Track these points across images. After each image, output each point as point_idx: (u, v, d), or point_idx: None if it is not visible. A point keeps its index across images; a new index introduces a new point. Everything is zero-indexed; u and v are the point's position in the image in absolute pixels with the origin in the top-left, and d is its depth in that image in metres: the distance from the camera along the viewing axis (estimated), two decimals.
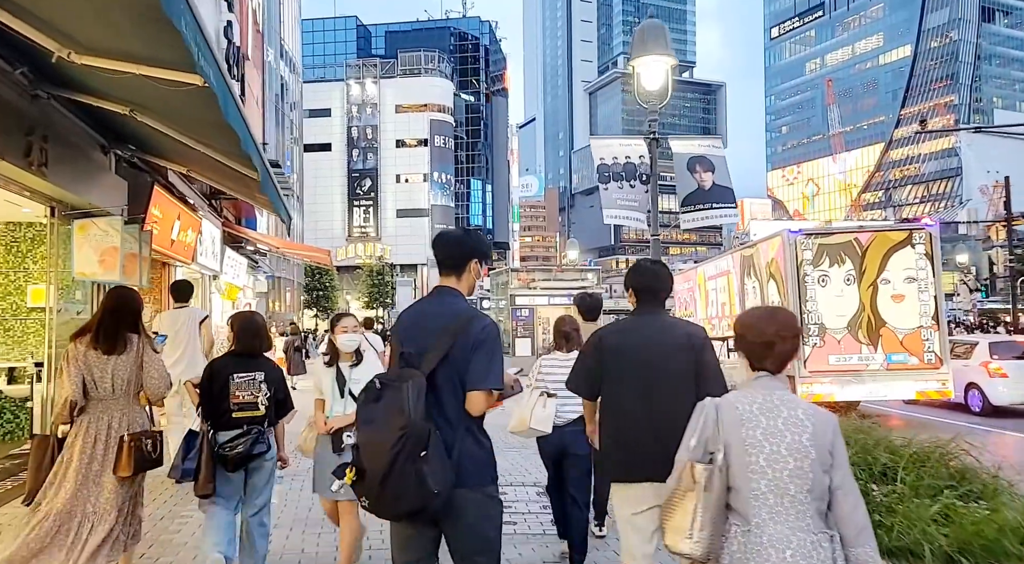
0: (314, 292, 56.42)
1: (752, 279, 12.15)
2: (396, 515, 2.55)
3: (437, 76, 75.81)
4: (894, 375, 10.16)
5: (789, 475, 2.08)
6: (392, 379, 2.55)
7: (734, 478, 2.14)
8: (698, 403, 2.29)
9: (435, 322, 2.64)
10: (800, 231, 10.58)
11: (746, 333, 2.29)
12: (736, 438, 2.14)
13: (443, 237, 2.86)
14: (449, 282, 2.78)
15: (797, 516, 2.08)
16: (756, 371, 2.27)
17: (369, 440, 2.49)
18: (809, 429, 2.11)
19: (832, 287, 10.37)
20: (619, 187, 7.76)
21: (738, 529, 2.14)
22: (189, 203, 10.64)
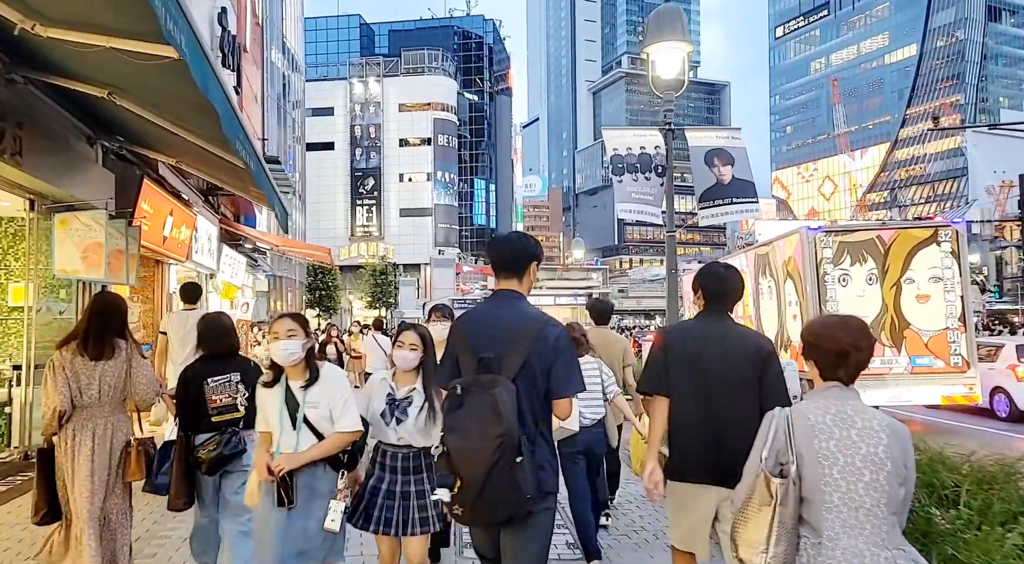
0: (317, 292, 56.06)
1: (768, 279, 11.70)
2: (491, 522, 2.59)
3: (440, 74, 75.42)
4: (919, 379, 9.71)
5: (864, 487, 2.03)
6: (475, 384, 2.53)
7: (806, 490, 2.09)
8: (767, 413, 2.24)
9: (510, 327, 2.65)
10: (820, 228, 10.13)
11: (820, 343, 2.22)
12: (808, 449, 2.09)
13: (502, 240, 2.89)
14: (511, 285, 2.80)
15: (872, 530, 2.03)
16: (827, 381, 2.21)
17: (464, 447, 2.46)
18: (884, 440, 2.06)
19: (853, 287, 9.93)
20: (633, 179, 7.31)
21: (808, 542, 2.09)
22: (183, 199, 10.24)
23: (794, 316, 10.58)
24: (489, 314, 2.78)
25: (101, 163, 7.47)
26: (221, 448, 3.67)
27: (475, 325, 2.76)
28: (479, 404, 2.46)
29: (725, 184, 7.57)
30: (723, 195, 7.63)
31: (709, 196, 7.65)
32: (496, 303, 2.80)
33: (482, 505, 2.45)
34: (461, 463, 2.45)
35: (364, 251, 71.44)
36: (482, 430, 2.43)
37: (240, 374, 3.85)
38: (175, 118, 5.23)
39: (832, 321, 2.31)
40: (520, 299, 2.78)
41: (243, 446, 3.76)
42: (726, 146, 7.62)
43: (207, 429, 3.74)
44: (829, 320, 2.33)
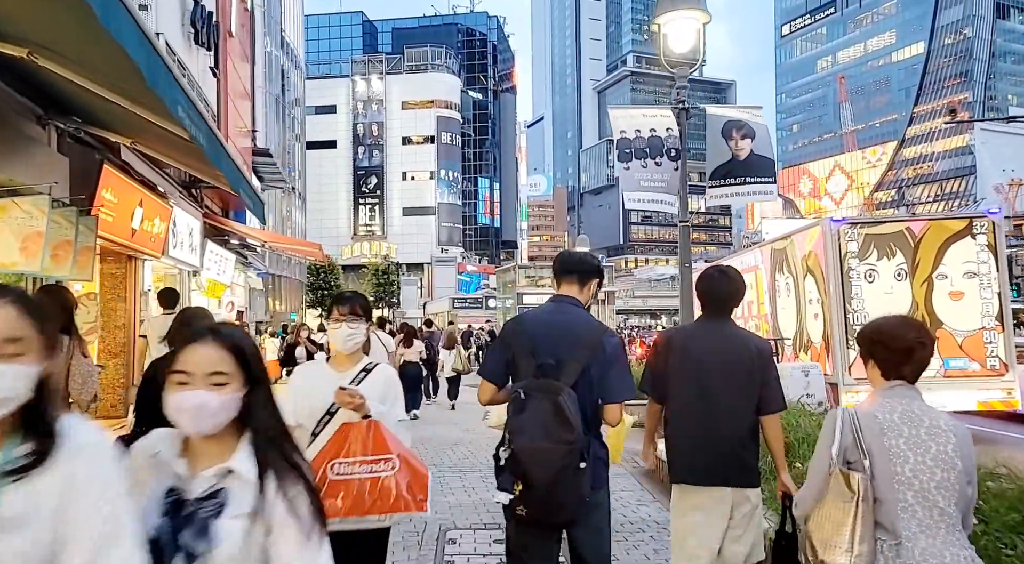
0: (319, 291, 55.49)
1: (785, 275, 10.93)
2: (556, 524, 2.68)
3: (444, 72, 74.79)
4: (952, 383, 8.93)
5: (936, 487, 2.02)
6: (536, 389, 2.60)
7: (879, 489, 2.06)
8: (830, 412, 2.25)
9: (571, 334, 2.76)
10: (844, 220, 9.36)
11: (885, 340, 2.20)
12: (878, 447, 2.07)
13: (574, 254, 3.14)
14: (571, 291, 2.92)
15: (947, 530, 2.01)
16: (890, 380, 2.19)
17: (534, 449, 2.51)
18: (953, 440, 2.05)
19: (881, 283, 9.15)
20: (643, 165, 6.56)
21: (886, 543, 2.04)
22: (156, 189, 9.51)
23: (815, 315, 9.81)
24: (549, 321, 2.85)
25: (55, 147, 6.75)
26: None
27: (535, 328, 2.83)
28: (541, 409, 2.54)
29: (741, 160, 6.80)
30: (738, 173, 6.87)
31: (722, 173, 6.88)
32: (554, 310, 2.90)
33: (548, 506, 2.54)
34: (531, 465, 2.51)
35: (367, 250, 70.93)
36: (550, 434, 2.51)
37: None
38: (101, 77, 4.50)
39: (895, 320, 2.30)
40: (579, 306, 2.90)
41: None
42: (747, 119, 6.86)
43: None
44: (892, 319, 2.31)
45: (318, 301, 54.96)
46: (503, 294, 22.22)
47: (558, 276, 3.02)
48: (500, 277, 22.87)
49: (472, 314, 26.62)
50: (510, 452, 2.56)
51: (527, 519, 2.62)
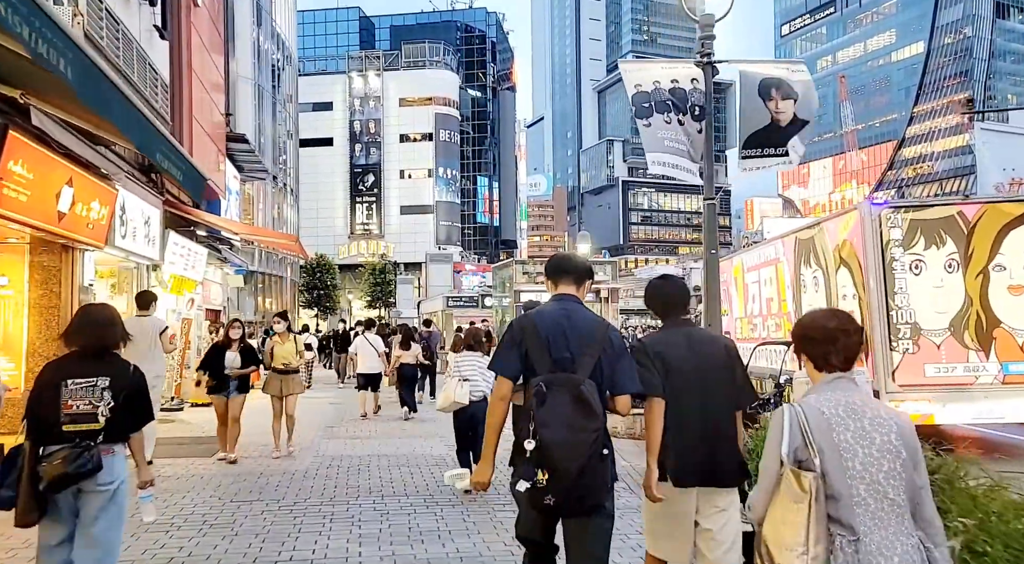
0: (315, 291, 54.29)
1: (813, 267, 9.69)
2: (582, 510, 2.77)
3: (442, 69, 73.51)
4: (1013, 390, 7.70)
5: (885, 477, 2.03)
6: (555, 382, 2.74)
7: (833, 486, 2.04)
8: (776, 410, 2.23)
9: (583, 330, 2.92)
10: (885, 203, 8.12)
11: (808, 332, 2.26)
12: (828, 443, 2.07)
13: (568, 256, 3.34)
14: (570, 290, 3.10)
15: (898, 520, 2.02)
16: (823, 372, 2.22)
17: (562, 441, 2.62)
18: (895, 428, 2.08)
19: (929, 275, 7.93)
20: (665, 121, 5.33)
21: (844, 539, 2.02)
22: (94, 168, 8.26)
23: (850, 312, 8.56)
24: (559, 316, 2.97)
25: None
26: (67, 466, 3.19)
27: (547, 326, 2.93)
28: (563, 401, 2.67)
29: (783, 125, 5.59)
30: (780, 140, 5.66)
31: (760, 140, 5.67)
32: (562, 307, 3.02)
33: (576, 494, 2.66)
34: (561, 454, 2.62)
35: (364, 249, 69.68)
36: (575, 424, 2.65)
37: (110, 379, 3.37)
38: None
39: (817, 312, 2.34)
40: (581, 304, 3.09)
41: (95, 464, 3.25)
42: (787, 77, 5.64)
43: (57, 439, 3.27)
44: (815, 311, 2.35)
45: (314, 301, 53.71)
46: (500, 292, 20.93)
47: (554, 277, 3.13)
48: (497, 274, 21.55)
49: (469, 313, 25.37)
50: (535, 443, 2.63)
51: (552, 508, 2.69)
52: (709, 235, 5.65)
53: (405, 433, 9.91)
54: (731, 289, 13.49)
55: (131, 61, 7.41)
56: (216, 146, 14.14)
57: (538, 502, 2.68)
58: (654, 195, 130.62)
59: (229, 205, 16.37)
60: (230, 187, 16.52)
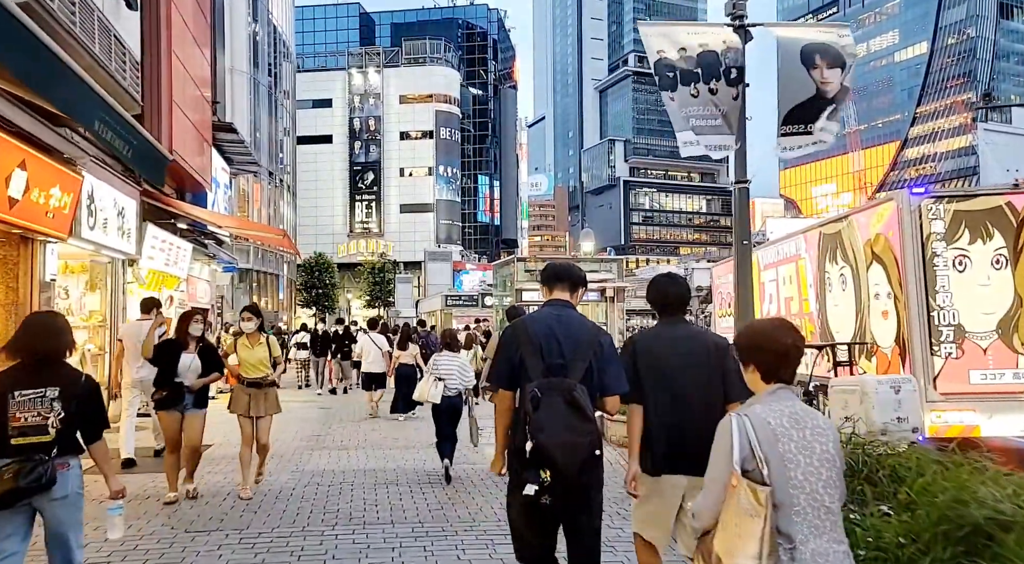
0: (313, 290, 53.59)
1: (839, 264, 8.93)
2: (580, 507, 2.90)
3: (443, 65, 72.76)
4: None
5: (823, 486, 2.07)
6: (549, 387, 2.81)
7: (776, 496, 2.05)
8: (721, 421, 2.24)
9: (573, 335, 3.00)
10: (927, 192, 7.35)
11: (764, 345, 2.25)
12: (775, 454, 2.08)
13: (567, 265, 3.37)
14: (565, 296, 3.20)
15: (831, 527, 2.06)
16: (770, 383, 2.24)
17: (561, 443, 2.70)
18: (831, 437, 2.13)
19: (974, 272, 7.17)
20: (692, 94, 4.57)
21: (782, 548, 2.04)
22: (55, 151, 7.51)
23: (884, 313, 7.82)
24: (552, 322, 3.05)
25: None
26: (18, 480, 3.09)
27: (540, 332, 3.01)
28: (557, 405, 2.74)
29: (829, 97, 4.84)
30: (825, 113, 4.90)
31: (804, 115, 4.91)
32: (556, 312, 3.11)
33: (574, 493, 2.77)
34: (559, 457, 2.68)
35: (363, 248, 68.96)
36: (571, 427, 2.72)
37: (60, 388, 3.25)
38: None
39: (771, 323, 2.35)
40: (573, 309, 3.17)
41: (49, 478, 3.15)
42: (832, 42, 4.89)
43: (8, 453, 3.15)
44: (767, 322, 2.39)
45: (312, 300, 52.96)
46: (501, 291, 20.16)
47: (549, 282, 3.24)
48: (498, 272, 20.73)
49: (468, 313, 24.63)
50: (533, 446, 2.70)
51: (548, 509, 2.79)
52: (740, 223, 4.92)
53: (397, 443, 9.10)
54: None
55: (91, 30, 6.70)
56: (201, 134, 13.38)
57: (536, 501, 2.74)
58: (655, 195, 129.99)
59: (216, 198, 15.62)
60: (217, 179, 15.77)
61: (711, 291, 16.76)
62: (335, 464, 7.68)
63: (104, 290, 10.76)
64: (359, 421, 11.11)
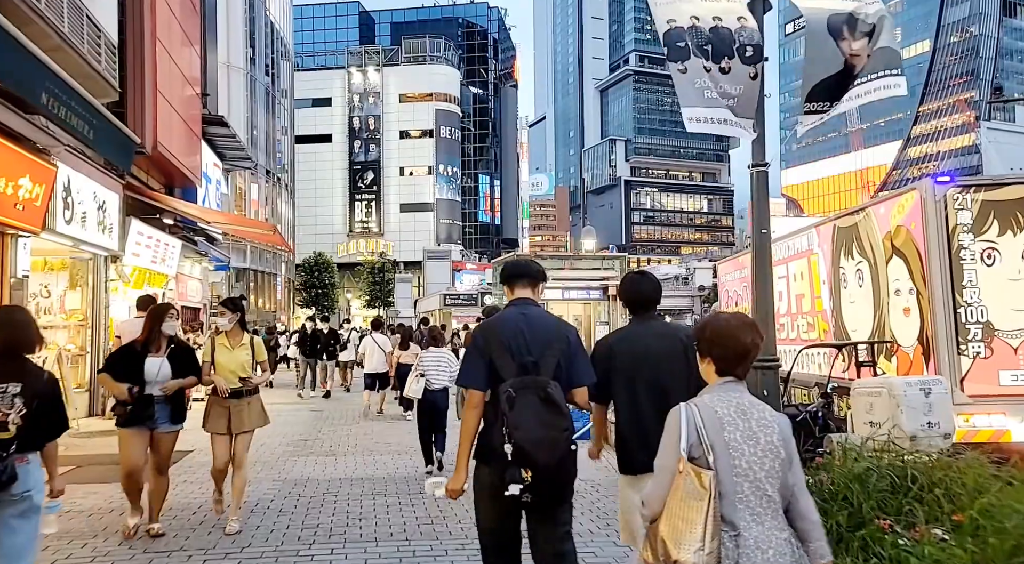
0: (312, 290, 53.22)
1: (856, 259, 8.48)
2: (556, 500, 2.94)
3: (443, 64, 72.34)
4: None
5: (766, 475, 2.11)
6: (522, 385, 2.85)
7: (721, 483, 2.11)
8: (672, 408, 2.28)
9: (542, 333, 3.04)
10: (952, 180, 6.90)
11: (725, 342, 2.29)
12: (720, 442, 2.14)
13: (523, 260, 3.41)
14: (527, 294, 3.24)
15: (772, 515, 2.11)
16: (723, 376, 2.30)
17: (539, 440, 2.74)
18: (776, 429, 2.17)
19: (1004, 266, 6.72)
20: (704, 67, 4.11)
21: (726, 535, 2.08)
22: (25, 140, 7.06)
23: (905, 310, 7.36)
24: (519, 321, 3.07)
25: None
26: None
27: (508, 331, 3.04)
28: (532, 402, 2.78)
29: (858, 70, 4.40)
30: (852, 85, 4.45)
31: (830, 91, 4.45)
32: (523, 310, 3.14)
33: (552, 489, 2.80)
34: (539, 454, 2.72)
35: (363, 248, 68.56)
36: (547, 424, 2.76)
37: (22, 385, 3.17)
38: None
39: (734, 320, 2.36)
40: (538, 306, 3.23)
41: (9, 475, 3.09)
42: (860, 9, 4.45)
43: None
44: (730, 319, 2.38)
45: (312, 300, 52.56)
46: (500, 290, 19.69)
47: (510, 281, 3.26)
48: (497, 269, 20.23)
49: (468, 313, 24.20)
50: (512, 446, 2.72)
51: (533, 504, 2.80)
52: (760, 211, 4.48)
53: (390, 447, 8.65)
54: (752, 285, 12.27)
55: (59, 7, 6.26)
56: (189, 128, 12.94)
57: (516, 499, 2.76)
58: (656, 195, 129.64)
59: (208, 194, 15.16)
60: (209, 175, 15.33)
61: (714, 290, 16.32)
62: (320, 471, 7.22)
63: (85, 288, 10.33)
64: (352, 423, 10.68)
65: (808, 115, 4.64)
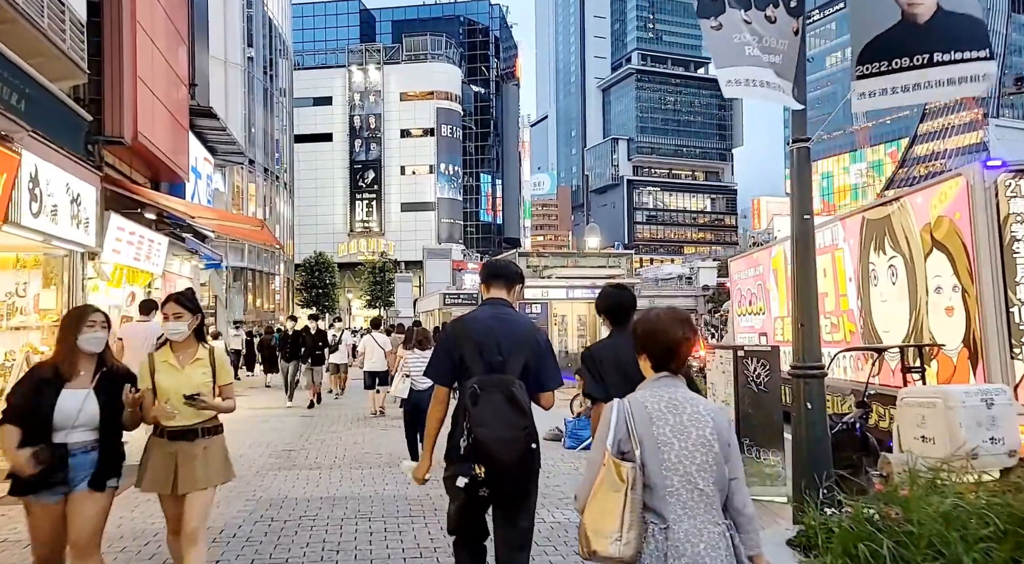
0: (313, 290, 52.69)
1: (888, 254, 7.82)
2: (515, 496, 2.98)
3: (444, 62, 71.70)
4: None
5: (697, 469, 2.13)
6: (488, 384, 2.89)
7: (650, 477, 2.14)
8: (608, 403, 2.32)
9: (511, 333, 3.09)
10: (1004, 165, 6.24)
11: (658, 337, 2.33)
12: (648, 436, 2.17)
13: (501, 260, 3.52)
14: (501, 294, 3.27)
15: (706, 509, 2.12)
16: (658, 372, 2.33)
17: (499, 437, 2.80)
18: (710, 423, 2.18)
19: None
20: (743, 20, 3.44)
21: (656, 527, 2.12)
22: None
23: (947, 309, 6.70)
24: (490, 321, 3.12)
25: None
26: None
27: (479, 330, 3.08)
28: (496, 400, 2.82)
29: (920, 24, 3.73)
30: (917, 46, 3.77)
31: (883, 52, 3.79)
32: (494, 311, 3.18)
33: (510, 484, 2.87)
34: (499, 450, 2.77)
35: (364, 247, 67.99)
36: (509, 422, 2.81)
37: None
38: None
39: (666, 315, 2.38)
40: (511, 307, 3.25)
41: None
42: None
43: None
44: (662, 314, 2.40)
45: (312, 300, 51.96)
46: None
47: (487, 281, 3.31)
48: None
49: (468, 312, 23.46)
50: (470, 441, 2.77)
51: (487, 498, 2.89)
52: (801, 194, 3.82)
53: (381, 459, 7.96)
54: (769, 283, 11.61)
55: None
56: (176, 119, 12.30)
57: (474, 494, 2.83)
58: (659, 194, 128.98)
59: (198, 190, 14.52)
60: (199, 170, 14.69)
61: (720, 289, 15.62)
62: (301, 489, 6.49)
63: (60, 286, 9.67)
64: (344, 430, 10.02)
65: (863, 80, 3.97)
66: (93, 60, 9.69)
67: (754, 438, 5.96)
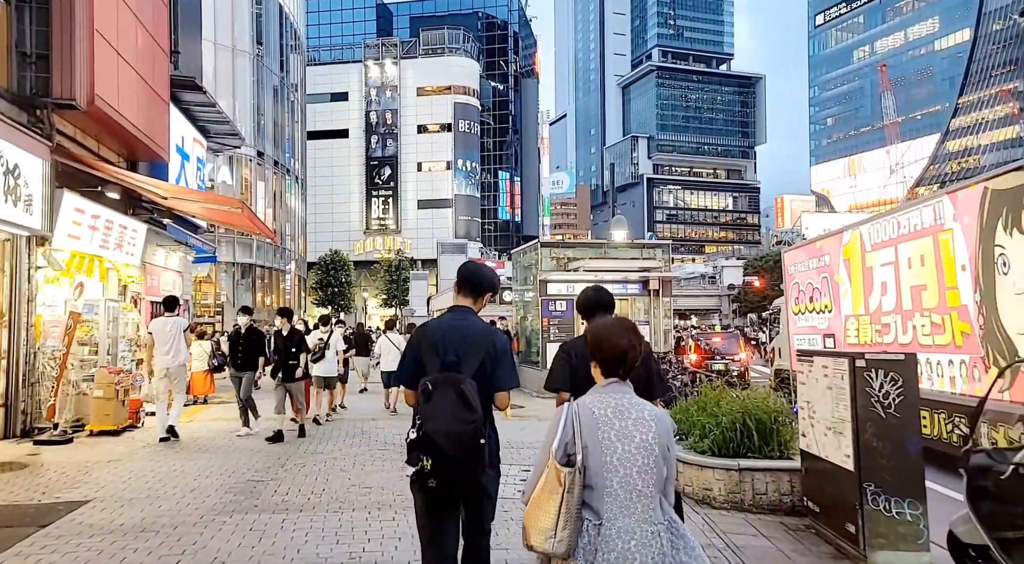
0: (328, 288, 51.53)
1: (1018, 237, 6.07)
2: (465, 490, 3.00)
3: (462, 56, 70.19)
4: None
5: (638, 472, 2.21)
6: (442, 381, 2.96)
7: (591, 478, 2.22)
8: (559, 407, 2.41)
9: (468, 336, 3.18)
10: None
11: (604, 346, 2.42)
12: (593, 440, 2.24)
13: (473, 266, 3.49)
14: (468, 302, 3.37)
15: (643, 509, 2.20)
16: (608, 378, 2.41)
17: (447, 431, 2.86)
18: (653, 428, 2.27)
19: None
20: None
21: (590, 524, 2.20)
22: None
23: None
24: (451, 326, 3.23)
25: None
26: None
27: (438, 333, 3.19)
28: (447, 396, 2.89)
29: None
30: None
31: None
32: (455, 316, 3.29)
33: (459, 477, 2.90)
34: (446, 444, 2.84)
35: (380, 245, 66.73)
36: (458, 416, 2.87)
37: None
38: None
39: (612, 325, 2.49)
40: (474, 314, 3.35)
41: None
42: None
43: None
44: (609, 324, 2.50)
45: (328, 299, 50.75)
46: (522, 284, 17.32)
47: (457, 286, 3.40)
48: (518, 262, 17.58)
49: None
50: (420, 434, 2.86)
51: (438, 491, 2.91)
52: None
53: (368, 497, 5.97)
54: (838, 275, 9.83)
55: None
56: (152, 88, 10.77)
57: (424, 485, 2.89)
58: (680, 192, 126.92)
59: (186, 173, 12.99)
60: (187, 151, 13.18)
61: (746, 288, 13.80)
62: (251, 546, 4.66)
63: (2, 276, 8.19)
64: (328, 451, 8.23)
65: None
66: (41, 7, 8.19)
67: (881, 482, 4.25)
